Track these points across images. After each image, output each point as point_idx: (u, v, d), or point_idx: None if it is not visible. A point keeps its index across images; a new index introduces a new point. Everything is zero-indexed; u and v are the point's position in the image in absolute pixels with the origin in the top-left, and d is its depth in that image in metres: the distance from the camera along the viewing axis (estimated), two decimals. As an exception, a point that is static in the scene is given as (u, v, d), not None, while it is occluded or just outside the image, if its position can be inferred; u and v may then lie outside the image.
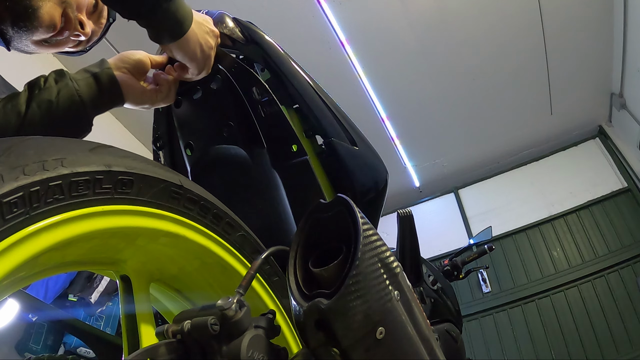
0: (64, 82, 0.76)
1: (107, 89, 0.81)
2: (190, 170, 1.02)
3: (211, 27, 0.88)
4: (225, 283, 0.75)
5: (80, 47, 0.97)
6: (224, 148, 0.99)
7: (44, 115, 0.73)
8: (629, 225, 4.20)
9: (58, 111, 0.74)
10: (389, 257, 0.55)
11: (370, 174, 1.04)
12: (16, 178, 0.45)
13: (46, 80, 0.76)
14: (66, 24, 0.88)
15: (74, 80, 0.78)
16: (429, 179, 5.14)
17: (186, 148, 1.02)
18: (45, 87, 0.75)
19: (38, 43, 0.88)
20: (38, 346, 2.52)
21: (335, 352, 0.49)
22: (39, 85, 0.75)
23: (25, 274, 0.52)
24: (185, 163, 1.03)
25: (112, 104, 0.84)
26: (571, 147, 4.87)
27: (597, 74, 4.15)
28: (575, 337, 3.89)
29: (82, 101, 0.76)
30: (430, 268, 1.71)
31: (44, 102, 0.73)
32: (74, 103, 0.76)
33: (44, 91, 0.74)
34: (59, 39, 0.89)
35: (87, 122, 0.79)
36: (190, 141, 1.02)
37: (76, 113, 0.76)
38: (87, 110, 0.77)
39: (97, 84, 0.80)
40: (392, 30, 3.47)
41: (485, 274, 4.44)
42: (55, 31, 0.86)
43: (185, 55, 0.83)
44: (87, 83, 0.79)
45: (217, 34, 0.90)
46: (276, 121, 0.94)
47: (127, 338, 0.63)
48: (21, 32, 0.84)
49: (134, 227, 0.59)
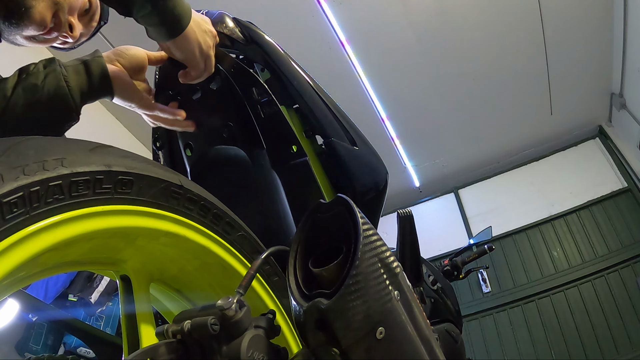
0: (52, 67, 0.75)
1: (97, 78, 0.80)
2: (190, 170, 1.02)
3: (209, 27, 0.88)
4: (225, 283, 0.75)
5: (68, 46, 0.98)
6: (223, 149, 0.99)
7: (28, 99, 0.72)
8: (629, 225, 4.20)
9: (42, 96, 0.73)
10: (389, 257, 0.55)
11: (370, 174, 1.04)
12: (16, 178, 0.45)
13: (35, 66, 0.75)
14: (56, 26, 0.88)
15: (63, 67, 0.77)
16: (429, 179, 5.14)
17: (185, 148, 1.02)
18: (32, 72, 0.74)
19: (27, 38, 0.89)
20: (38, 346, 2.52)
21: (335, 352, 0.49)
22: (27, 71, 0.74)
23: (25, 274, 0.52)
24: (185, 163, 1.03)
25: (100, 94, 0.82)
26: (571, 147, 4.87)
27: (597, 74, 4.15)
28: (575, 337, 3.89)
29: (68, 87, 0.75)
30: (430, 268, 1.71)
31: (29, 86, 0.72)
32: (59, 88, 0.74)
33: (31, 75, 0.73)
34: (47, 37, 0.90)
35: (74, 109, 0.77)
36: (190, 142, 1.01)
37: (62, 99, 0.74)
38: (73, 97, 0.76)
39: (86, 71, 0.79)
40: (392, 30, 3.47)
41: (485, 274, 4.44)
42: (44, 31, 0.87)
43: (183, 53, 0.83)
44: (75, 70, 0.78)
45: (215, 34, 0.89)
46: (275, 122, 0.94)
47: (127, 338, 0.63)
48: (11, 27, 0.84)
49: (134, 227, 0.59)
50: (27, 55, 1.06)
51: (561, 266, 4.28)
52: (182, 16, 0.78)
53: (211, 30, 0.88)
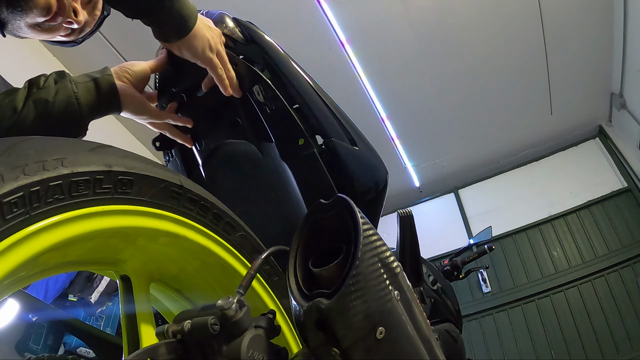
0: (63, 83, 0.77)
1: (106, 96, 0.82)
2: (202, 165, 1.04)
3: (213, 26, 0.90)
4: (225, 283, 0.75)
5: (73, 37, 0.98)
6: (233, 143, 1.01)
7: (39, 114, 0.73)
8: (629, 225, 4.20)
9: (53, 112, 0.74)
10: (389, 257, 0.55)
11: (370, 174, 1.04)
12: (16, 178, 0.45)
13: (46, 80, 0.77)
14: (60, 10, 0.88)
15: (73, 83, 0.78)
16: (429, 179, 5.14)
17: (195, 142, 1.04)
18: (44, 87, 0.75)
19: (32, 27, 0.89)
20: (38, 346, 2.52)
21: (336, 352, 0.49)
22: (38, 84, 0.75)
23: (25, 274, 0.52)
24: (196, 157, 1.04)
25: (108, 110, 0.84)
26: (571, 147, 4.87)
27: (597, 74, 4.15)
28: (575, 337, 3.89)
29: (78, 104, 0.77)
30: (430, 268, 1.71)
31: (40, 101, 0.73)
32: (70, 105, 0.76)
33: (42, 90, 0.75)
34: (52, 24, 0.90)
35: (82, 125, 0.79)
36: (198, 137, 1.03)
37: (71, 115, 0.76)
38: (82, 114, 0.78)
39: (96, 89, 0.81)
40: (392, 30, 3.47)
41: (485, 274, 4.44)
42: (49, 15, 0.87)
43: (192, 52, 0.84)
44: (86, 87, 0.79)
45: (220, 33, 0.91)
46: (282, 116, 0.95)
47: (127, 338, 0.63)
48: (15, 13, 0.84)
49: (134, 227, 0.59)
50: (32, 58, 1.06)
51: (561, 266, 4.28)
52: (189, 16, 0.79)
53: (216, 28, 0.90)
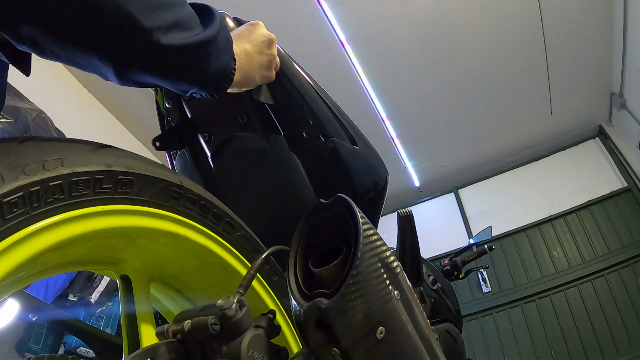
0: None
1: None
2: (211, 156, 1.05)
3: (261, 33, 0.79)
4: (225, 283, 0.75)
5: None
6: (242, 136, 1.02)
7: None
8: (629, 225, 4.19)
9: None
10: (389, 257, 0.55)
11: (371, 174, 1.04)
12: (16, 178, 0.45)
13: None
14: None
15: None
16: (429, 178, 5.14)
17: (204, 135, 1.05)
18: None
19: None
20: (38, 346, 2.52)
21: (336, 352, 0.49)
22: None
23: (25, 273, 0.52)
24: (205, 150, 1.05)
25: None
26: (571, 147, 4.87)
27: (597, 74, 4.15)
28: (575, 337, 3.89)
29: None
30: (430, 268, 1.71)
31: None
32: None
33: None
34: None
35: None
36: (208, 129, 1.04)
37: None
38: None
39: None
40: (392, 30, 3.47)
41: (485, 273, 4.44)
42: None
43: (247, 87, 0.78)
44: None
45: (272, 38, 0.80)
46: (289, 107, 0.96)
47: (127, 338, 0.63)
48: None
49: (134, 227, 0.59)
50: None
51: (561, 266, 4.28)
52: (224, 67, 0.64)
53: (263, 40, 0.78)
